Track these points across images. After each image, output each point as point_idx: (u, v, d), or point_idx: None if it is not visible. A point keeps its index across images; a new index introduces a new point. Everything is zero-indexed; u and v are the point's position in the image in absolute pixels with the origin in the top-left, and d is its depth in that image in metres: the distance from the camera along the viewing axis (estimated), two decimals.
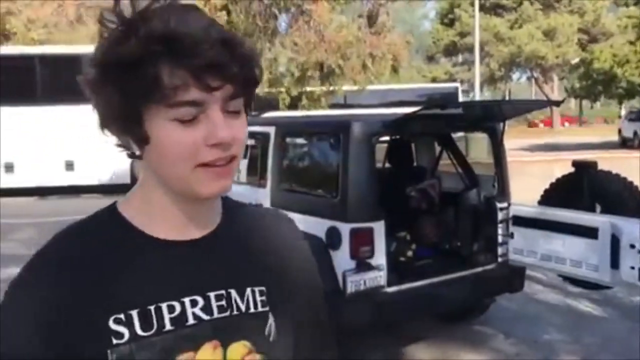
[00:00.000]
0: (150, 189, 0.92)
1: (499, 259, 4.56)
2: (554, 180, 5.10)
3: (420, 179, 5.02)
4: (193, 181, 0.86)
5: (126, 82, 0.82)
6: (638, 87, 24.34)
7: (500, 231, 4.54)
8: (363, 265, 3.90)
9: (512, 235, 4.50)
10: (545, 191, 5.03)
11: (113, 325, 0.86)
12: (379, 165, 4.93)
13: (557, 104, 5.32)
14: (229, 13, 19.60)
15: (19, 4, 17.52)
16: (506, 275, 4.58)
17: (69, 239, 0.92)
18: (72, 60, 14.08)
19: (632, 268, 3.83)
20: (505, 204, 4.58)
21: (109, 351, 0.85)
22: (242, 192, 5.04)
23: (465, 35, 37.80)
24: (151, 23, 0.82)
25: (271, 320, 0.96)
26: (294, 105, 20.04)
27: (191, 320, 0.90)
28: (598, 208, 4.62)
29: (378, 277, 3.96)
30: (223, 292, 0.93)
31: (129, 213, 0.93)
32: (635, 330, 4.92)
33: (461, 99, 24.13)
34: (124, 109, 0.84)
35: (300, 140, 5.05)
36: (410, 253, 4.56)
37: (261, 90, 21.51)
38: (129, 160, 8.50)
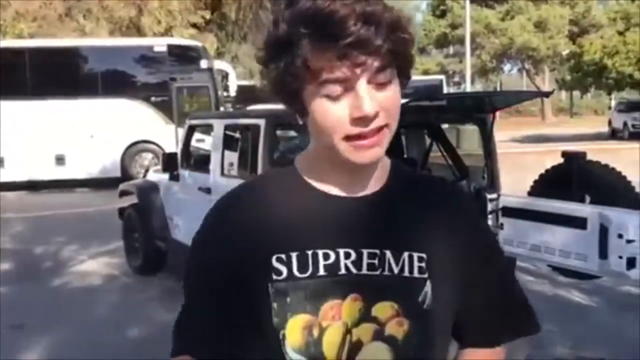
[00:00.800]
0: (316, 150, 0.98)
1: None
2: (543, 171, 5.13)
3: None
4: (342, 151, 0.91)
5: (280, 64, 0.90)
6: (628, 79, 24.46)
7: (490, 222, 4.57)
8: None
9: (502, 226, 4.53)
10: (535, 182, 5.06)
11: (275, 263, 0.94)
12: None
13: (547, 94, 5.35)
14: (214, 9, 19.51)
15: None
16: None
17: (252, 187, 1.06)
18: (62, 54, 14.04)
19: (620, 258, 3.86)
20: (495, 195, 4.60)
21: (269, 284, 0.93)
22: (231, 184, 5.04)
23: (457, 26, 37.80)
24: (298, 4, 0.88)
25: (428, 287, 0.96)
26: None
27: (342, 271, 0.94)
28: (587, 199, 4.65)
29: None
30: (377, 251, 0.96)
31: (302, 168, 1.01)
32: (624, 319, 4.96)
33: (446, 90, 24.26)
34: (282, 87, 0.92)
35: (291, 132, 5.05)
36: None
37: (259, 82, 21.48)
38: (120, 154, 8.52)
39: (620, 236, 3.86)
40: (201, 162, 5.91)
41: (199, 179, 5.54)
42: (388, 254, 0.96)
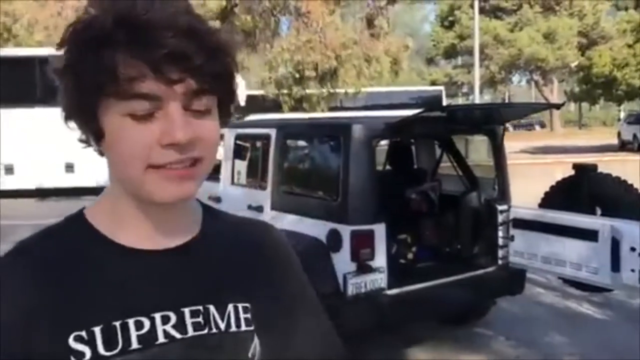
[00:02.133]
0: (115, 192, 0.84)
1: (499, 262, 4.56)
2: (554, 183, 5.10)
3: (421, 182, 5.03)
4: (145, 184, 0.77)
5: (82, 70, 0.75)
6: (637, 90, 24.37)
7: (500, 234, 4.55)
8: (364, 267, 3.91)
9: (512, 238, 4.51)
10: (546, 194, 5.04)
11: (73, 344, 0.77)
12: (379, 167, 4.94)
13: (557, 107, 5.33)
14: (224, 19, 19.62)
15: (19, 6, 17.53)
16: (506, 278, 4.59)
17: (31, 246, 0.83)
18: None
19: (633, 271, 3.83)
20: (505, 207, 4.58)
21: None
22: (242, 194, 5.05)
23: (465, 37, 37.82)
24: (115, 9, 0.75)
25: (256, 340, 0.87)
26: (296, 107, 20.08)
27: (161, 339, 0.80)
28: (598, 211, 4.62)
29: (379, 279, 3.96)
30: (200, 307, 0.84)
31: (96, 219, 0.85)
32: (636, 332, 4.92)
33: (445, 101, 24.40)
34: (80, 99, 0.77)
35: (301, 142, 5.06)
36: (410, 255, 4.57)
37: (269, 91, 21.57)
38: None
39: (632, 249, 3.83)
40: (211, 171, 5.92)
41: (209, 188, 5.55)
42: (212, 308, 0.85)
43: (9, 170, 13.51)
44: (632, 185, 4.74)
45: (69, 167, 13.66)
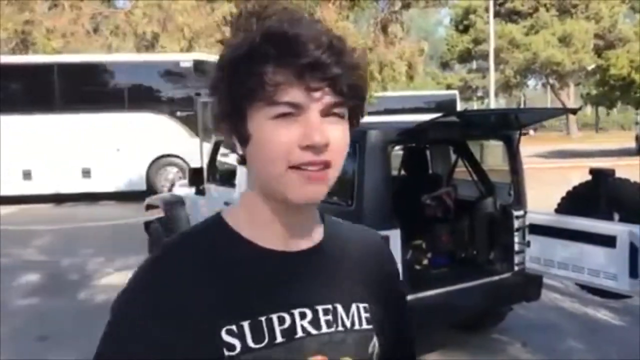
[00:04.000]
0: (253, 198, 0.92)
1: (516, 268, 4.53)
2: (570, 187, 5.06)
3: (436, 187, 5.01)
4: (284, 183, 0.86)
5: (235, 79, 0.85)
6: None
7: (516, 239, 4.52)
8: None
9: (528, 244, 4.48)
10: (562, 199, 4.99)
11: (225, 337, 0.85)
12: (394, 173, 4.93)
13: (575, 111, 5.29)
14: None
15: (38, 14, 17.75)
16: (523, 284, 4.55)
17: (178, 249, 0.92)
18: (90, 69, 14.29)
19: None
20: (521, 212, 4.55)
21: None
22: None
23: (480, 41, 37.66)
24: (264, 23, 0.86)
25: (375, 339, 0.95)
26: None
27: (300, 333, 0.88)
28: (616, 216, 4.57)
29: None
30: (330, 306, 0.92)
31: (235, 222, 0.93)
32: None
33: (459, 105, 24.25)
34: (231, 106, 0.87)
35: None
36: (426, 261, 4.55)
37: None
38: (145, 168, 8.60)
39: None
40: (227, 177, 5.95)
41: (225, 194, 5.58)
42: (339, 308, 0.93)
43: (27, 175, 13.66)
44: None
45: (86, 173, 13.79)
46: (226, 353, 0.84)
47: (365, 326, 0.94)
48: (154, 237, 6.83)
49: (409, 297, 4.01)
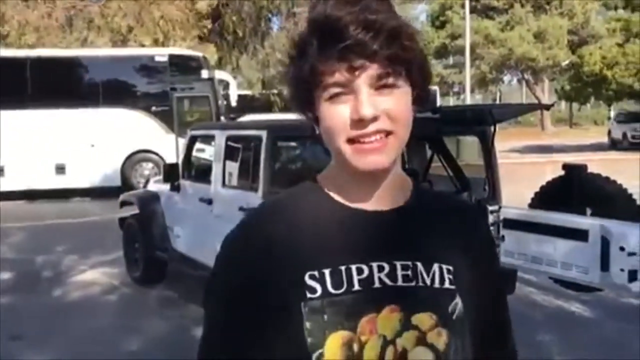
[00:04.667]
0: (334, 166, 1.00)
1: None
2: (544, 182, 5.13)
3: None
4: (346, 155, 0.93)
5: (295, 72, 0.95)
6: (627, 89, 24.53)
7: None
8: None
9: (503, 238, 4.53)
10: (536, 194, 5.06)
11: (308, 281, 0.93)
12: None
13: (548, 107, 5.36)
14: (215, 20, 19.59)
15: (9, 7, 17.43)
16: None
17: (277, 204, 1.06)
18: (63, 64, 14.08)
19: (622, 270, 3.86)
20: (496, 207, 4.60)
21: (302, 303, 0.92)
22: (233, 195, 5.05)
23: (457, 37, 37.89)
24: (313, 12, 0.93)
25: (458, 299, 0.98)
26: (286, 108, 20.05)
27: (377, 284, 0.95)
28: (588, 211, 4.64)
29: None
30: (409, 263, 0.97)
31: (325, 184, 1.02)
32: (625, 331, 4.96)
33: (439, 101, 24.35)
34: (297, 94, 0.97)
35: (292, 144, 5.06)
36: None
37: (256, 91, 21.55)
38: (120, 164, 8.53)
39: (622, 249, 3.86)
40: (202, 173, 5.92)
41: (200, 190, 5.54)
42: (419, 265, 0.98)
43: None
44: (621, 185, 4.77)
45: (60, 169, 13.60)
46: (308, 295, 0.92)
47: (447, 286, 0.98)
48: (129, 233, 6.77)
49: None
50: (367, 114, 0.89)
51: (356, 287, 0.94)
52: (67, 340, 5.01)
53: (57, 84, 13.56)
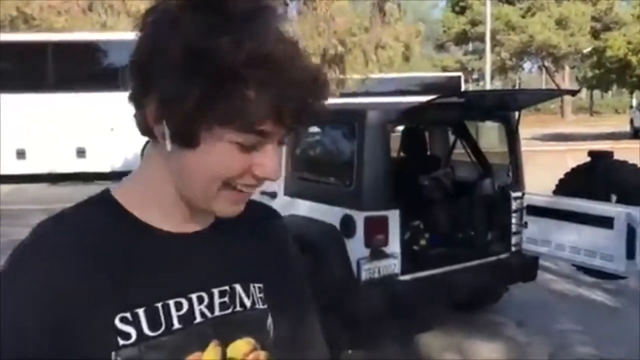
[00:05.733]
0: (156, 180, 0.85)
1: (513, 248, 4.56)
2: (567, 170, 5.07)
3: (434, 168, 5.02)
4: (214, 198, 0.82)
5: (212, 97, 0.74)
6: None
7: (514, 220, 4.54)
8: (377, 253, 3.91)
9: (526, 225, 4.49)
10: (560, 181, 5.00)
11: (119, 325, 0.79)
12: (393, 154, 4.92)
13: (574, 93, 5.30)
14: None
15: None
16: (519, 265, 4.58)
17: (62, 228, 0.83)
18: (85, 48, 14.16)
19: None
20: (519, 194, 4.57)
21: (113, 353, 0.78)
22: None
23: (477, 23, 37.52)
24: (254, 31, 0.75)
25: (270, 318, 0.93)
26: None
27: (198, 318, 0.85)
28: (613, 198, 4.59)
29: (392, 265, 3.97)
30: (227, 287, 0.89)
31: (127, 201, 0.86)
32: None
33: (464, 87, 24.09)
34: (184, 113, 0.75)
35: (314, 128, 5.04)
36: (424, 242, 4.56)
37: None
38: (140, 147, 8.49)
39: None
40: None
41: None
42: (238, 288, 0.90)
43: (21, 155, 13.59)
44: None
45: (81, 152, 13.73)
46: (121, 342, 0.79)
47: (261, 305, 0.92)
48: None
49: (408, 277, 4.05)
50: (275, 177, 0.81)
51: (176, 325, 0.82)
52: None
53: (77, 68, 13.66)
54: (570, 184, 4.84)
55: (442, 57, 48.37)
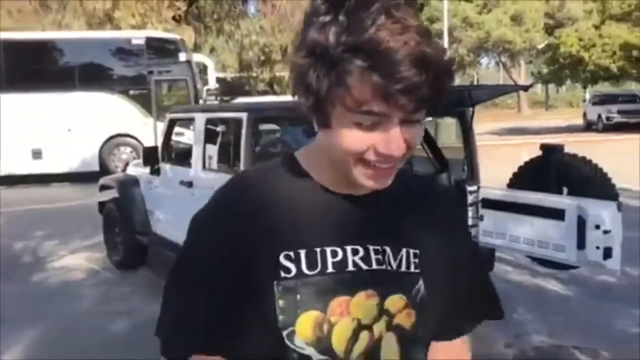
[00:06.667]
0: (321, 152, 0.97)
1: None
2: (522, 163, 5.20)
3: None
4: (354, 173, 0.92)
5: (323, 77, 0.86)
6: (603, 72, 24.81)
7: (470, 214, 4.63)
8: None
9: (481, 218, 4.60)
10: (514, 174, 5.14)
11: (283, 261, 0.94)
12: None
13: (526, 88, 5.44)
14: (191, 2, 19.37)
15: None
16: None
17: (254, 177, 1.04)
18: (38, 47, 13.84)
19: (597, 248, 3.95)
20: (474, 187, 4.66)
21: (275, 282, 0.93)
22: (213, 178, 5.04)
23: (434, 20, 37.90)
24: (357, 21, 0.83)
25: (421, 283, 1.01)
26: (265, 91, 19.98)
27: (351, 267, 0.96)
28: (565, 190, 4.73)
29: None
30: (379, 247, 0.99)
31: (305, 164, 1.00)
32: (600, 308, 5.08)
33: None
34: (317, 98, 0.88)
35: (272, 126, 5.06)
36: None
37: (231, 74, 21.37)
38: (98, 148, 8.37)
39: (597, 227, 3.95)
40: (182, 156, 5.90)
41: (180, 173, 5.52)
42: (388, 250, 1.00)
43: None
44: (597, 165, 4.86)
45: (37, 154, 13.42)
46: (282, 274, 0.93)
47: (412, 269, 1.00)
48: (109, 217, 6.73)
49: None
50: (398, 154, 0.88)
51: (330, 269, 0.95)
52: (48, 325, 4.99)
53: (33, 68, 13.35)
54: (524, 177, 4.98)
55: None
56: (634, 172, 10.49)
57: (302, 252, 0.95)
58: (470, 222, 4.63)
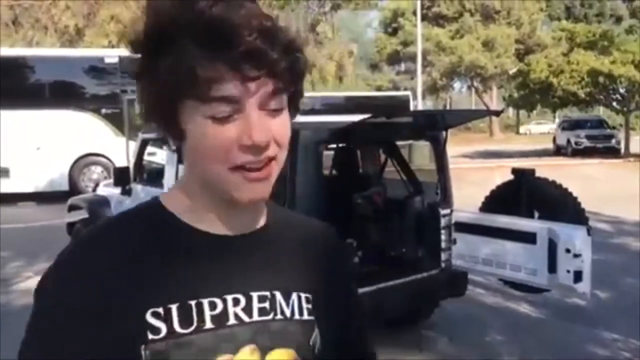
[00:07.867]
0: (192, 185, 0.86)
1: (443, 264, 4.65)
2: (493, 187, 5.24)
3: (366, 186, 5.08)
4: (228, 184, 0.81)
5: (160, 70, 0.77)
6: (571, 97, 25.33)
7: (443, 237, 4.64)
8: None
9: (454, 241, 4.61)
10: (486, 198, 5.17)
11: (150, 319, 0.79)
12: (325, 172, 4.96)
13: (498, 113, 5.50)
14: None
15: None
16: (450, 280, 4.68)
17: (112, 228, 0.87)
18: (8, 63, 13.64)
19: (568, 272, 3.99)
20: (448, 211, 4.68)
21: (142, 346, 0.78)
22: None
23: (408, 44, 38.51)
24: (193, 6, 0.76)
25: (316, 330, 0.90)
26: None
27: (232, 320, 0.83)
28: (536, 214, 4.78)
29: None
30: (267, 293, 0.87)
31: (172, 206, 0.87)
32: (570, 330, 5.13)
33: (412, 106, 24.41)
34: (159, 103, 0.80)
35: None
36: (356, 259, 4.60)
37: None
38: (68, 167, 8.24)
39: (567, 251, 3.98)
40: (154, 176, 5.83)
41: (152, 194, 5.42)
42: (278, 295, 0.88)
43: None
44: (567, 189, 4.92)
45: (4, 172, 13.14)
46: (150, 336, 0.78)
47: (306, 317, 0.89)
48: None
49: None
50: (261, 140, 0.78)
51: (208, 324, 0.81)
52: (13, 347, 4.83)
53: (2, 85, 13.13)
54: (496, 200, 5.01)
55: (376, 76, 49.26)
56: (601, 195, 10.70)
57: (174, 307, 0.80)
58: (443, 245, 4.64)
